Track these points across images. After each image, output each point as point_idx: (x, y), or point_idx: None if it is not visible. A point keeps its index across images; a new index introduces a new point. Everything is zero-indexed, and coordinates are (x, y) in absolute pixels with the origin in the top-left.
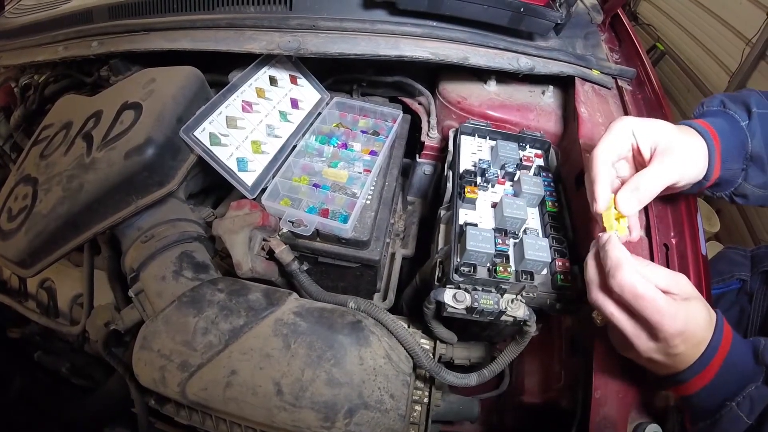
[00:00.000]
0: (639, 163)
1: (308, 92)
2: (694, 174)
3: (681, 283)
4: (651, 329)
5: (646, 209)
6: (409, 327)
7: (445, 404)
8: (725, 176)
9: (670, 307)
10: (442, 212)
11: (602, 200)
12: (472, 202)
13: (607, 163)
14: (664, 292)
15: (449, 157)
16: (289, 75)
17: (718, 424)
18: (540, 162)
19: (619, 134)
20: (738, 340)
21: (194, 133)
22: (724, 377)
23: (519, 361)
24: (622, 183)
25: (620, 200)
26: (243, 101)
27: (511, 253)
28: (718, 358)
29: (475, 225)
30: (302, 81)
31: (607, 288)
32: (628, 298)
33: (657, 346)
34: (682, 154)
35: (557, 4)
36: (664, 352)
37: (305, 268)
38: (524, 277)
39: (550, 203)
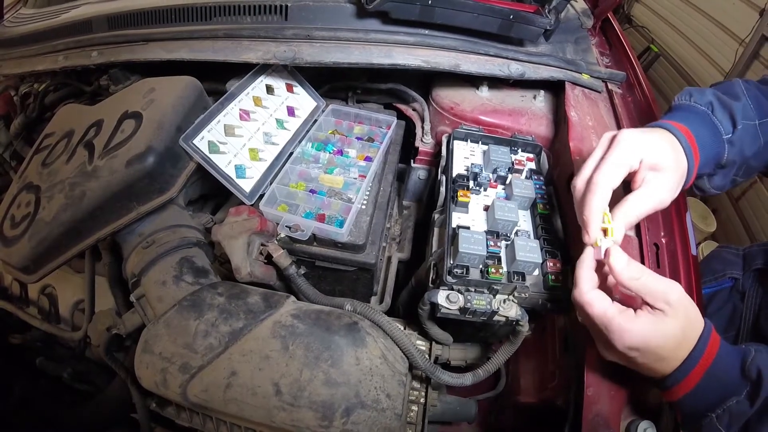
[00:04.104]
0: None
1: (304, 100)
2: (677, 193)
3: (669, 293)
4: (605, 341)
5: None
6: (405, 329)
7: (442, 405)
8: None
9: (623, 324)
10: (436, 216)
11: (594, 234)
12: (465, 205)
13: (607, 191)
14: (645, 302)
15: (442, 162)
16: (286, 83)
17: None
18: (531, 165)
19: (627, 156)
20: (726, 351)
21: (193, 141)
22: (705, 388)
23: (514, 361)
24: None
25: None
26: (240, 110)
27: (503, 254)
28: (699, 369)
29: (468, 228)
30: (298, 89)
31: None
32: (583, 314)
33: (614, 355)
34: (671, 179)
35: (546, 11)
36: (626, 361)
37: (303, 272)
38: (516, 277)
39: (541, 206)
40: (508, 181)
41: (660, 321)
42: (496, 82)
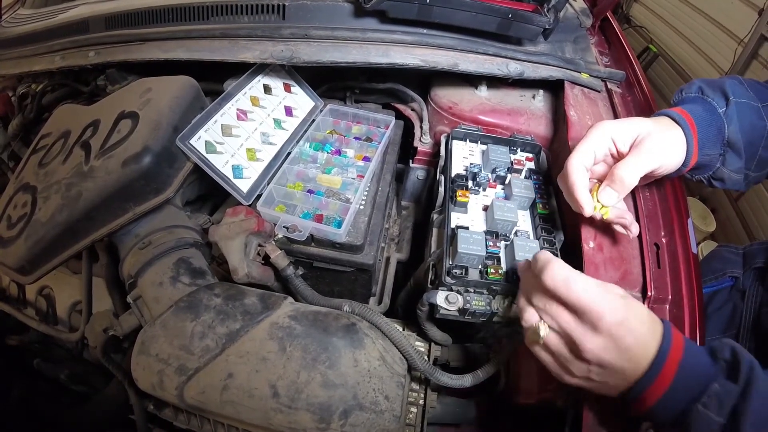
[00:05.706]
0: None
1: (302, 100)
2: (672, 162)
3: (612, 289)
4: (591, 322)
5: (636, 208)
6: (404, 330)
7: (442, 406)
8: (703, 161)
9: (607, 295)
10: (435, 216)
11: (587, 204)
12: (464, 205)
13: (581, 170)
14: None
15: (441, 162)
16: (283, 83)
17: (689, 431)
18: (531, 165)
19: (595, 140)
20: (692, 343)
21: (190, 141)
22: (683, 381)
23: (514, 362)
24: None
25: (600, 193)
26: (238, 109)
27: (502, 255)
28: (672, 361)
29: (467, 228)
30: (296, 89)
31: (540, 291)
32: (561, 292)
33: (602, 341)
34: (657, 143)
35: (545, 10)
36: (615, 347)
37: (300, 273)
38: (515, 278)
39: (540, 205)
40: (507, 181)
41: (626, 298)
42: (495, 82)
